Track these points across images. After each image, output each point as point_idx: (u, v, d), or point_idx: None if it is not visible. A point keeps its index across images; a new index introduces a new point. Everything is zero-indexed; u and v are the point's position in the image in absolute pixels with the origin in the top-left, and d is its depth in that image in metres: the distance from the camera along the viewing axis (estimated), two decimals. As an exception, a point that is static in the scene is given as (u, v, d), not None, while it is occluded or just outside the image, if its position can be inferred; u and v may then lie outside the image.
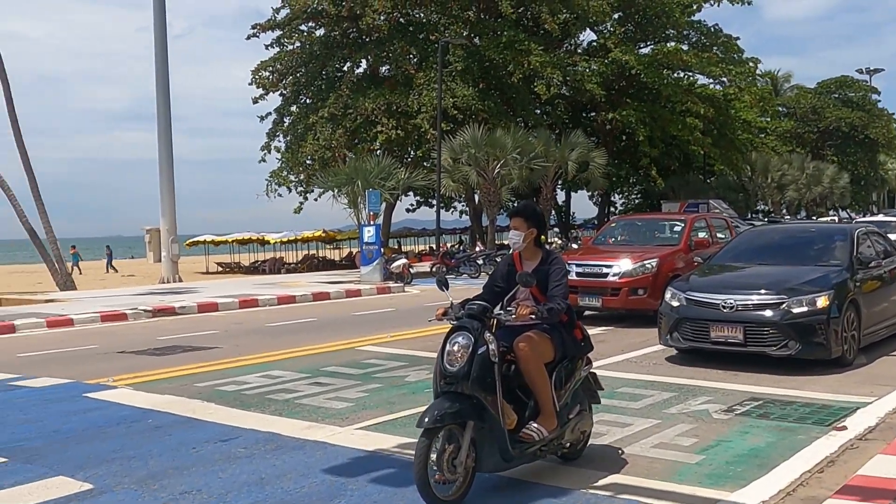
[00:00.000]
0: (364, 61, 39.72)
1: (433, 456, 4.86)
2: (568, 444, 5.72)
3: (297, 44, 39.11)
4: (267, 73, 39.11)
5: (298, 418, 7.34)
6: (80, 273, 42.36)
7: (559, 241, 41.77)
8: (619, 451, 6.17)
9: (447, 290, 5.59)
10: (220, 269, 47.45)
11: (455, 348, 5.04)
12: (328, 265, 43.40)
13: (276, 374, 9.61)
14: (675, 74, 45.29)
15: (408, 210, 53.59)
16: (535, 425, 5.27)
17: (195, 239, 50.52)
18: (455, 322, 5.24)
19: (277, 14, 38.94)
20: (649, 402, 7.78)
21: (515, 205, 10.18)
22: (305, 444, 6.46)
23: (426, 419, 4.84)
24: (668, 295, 10.39)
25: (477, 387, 4.95)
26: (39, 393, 8.91)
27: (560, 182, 40.18)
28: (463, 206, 51.23)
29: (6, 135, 28.76)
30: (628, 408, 7.57)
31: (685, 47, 43.54)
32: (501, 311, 5.41)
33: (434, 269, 29.15)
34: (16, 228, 29.24)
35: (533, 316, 5.30)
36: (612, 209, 55.77)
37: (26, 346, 12.83)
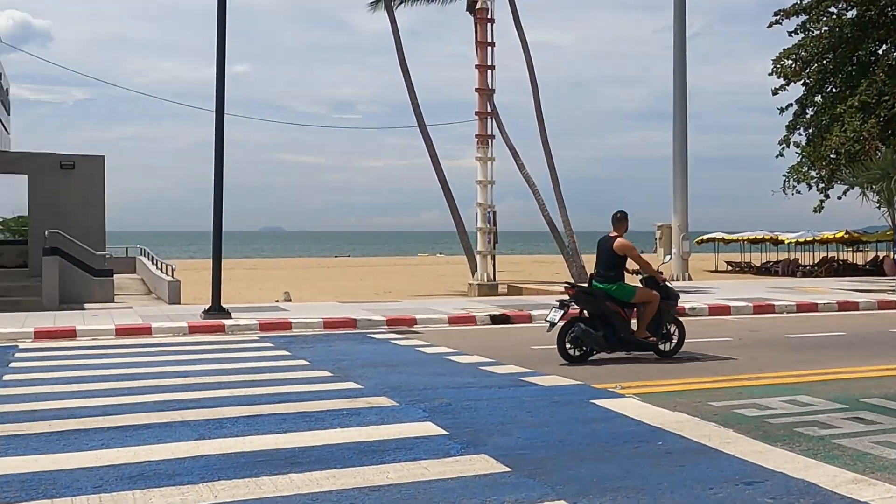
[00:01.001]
0: (905, 41, 35.10)
1: None
2: None
3: (825, 28, 35.94)
4: (790, 62, 36.65)
5: (839, 465, 5.93)
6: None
7: None
8: None
9: None
10: (729, 268, 45.99)
11: None
12: (849, 270, 39.59)
13: (803, 401, 8.20)
14: None
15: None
16: None
17: (706, 236, 49.82)
18: None
19: (803, -1, 36.20)
20: None
21: None
22: (853, 506, 5.09)
23: None
24: None
25: None
26: (547, 393, 8.66)
27: None
28: None
29: (534, 136, 30.89)
30: None
31: None
32: None
33: None
34: (538, 221, 31.25)
35: None
36: None
37: (541, 337, 12.89)
